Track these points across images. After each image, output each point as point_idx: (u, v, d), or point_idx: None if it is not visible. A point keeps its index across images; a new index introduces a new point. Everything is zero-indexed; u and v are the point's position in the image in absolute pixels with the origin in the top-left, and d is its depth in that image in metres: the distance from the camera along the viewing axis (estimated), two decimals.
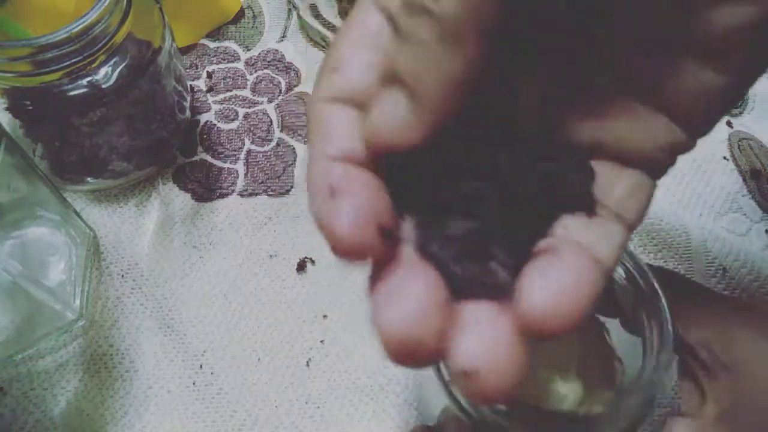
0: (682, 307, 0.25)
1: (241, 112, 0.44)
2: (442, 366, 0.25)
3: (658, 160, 0.18)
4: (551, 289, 0.16)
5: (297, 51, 0.47)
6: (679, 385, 0.25)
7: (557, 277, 0.16)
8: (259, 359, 0.36)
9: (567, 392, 0.26)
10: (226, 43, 0.47)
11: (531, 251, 0.17)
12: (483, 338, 0.16)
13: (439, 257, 0.17)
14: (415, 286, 0.16)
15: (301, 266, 0.39)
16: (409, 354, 0.15)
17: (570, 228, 0.18)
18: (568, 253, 0.17)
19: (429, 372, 0.26)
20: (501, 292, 0.17)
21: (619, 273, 0.26)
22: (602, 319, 0.28)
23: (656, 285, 0.25)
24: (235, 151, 0.43)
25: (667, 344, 0.24)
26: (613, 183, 0.18)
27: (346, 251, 0.16)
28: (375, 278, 0.16)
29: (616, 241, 0.18)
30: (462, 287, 0.17)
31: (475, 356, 0.15)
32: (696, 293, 0.26)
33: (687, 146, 0.18)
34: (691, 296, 0.26)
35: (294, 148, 0.43)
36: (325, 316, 0.37)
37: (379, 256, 0.16)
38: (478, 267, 0.17)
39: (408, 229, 0.18)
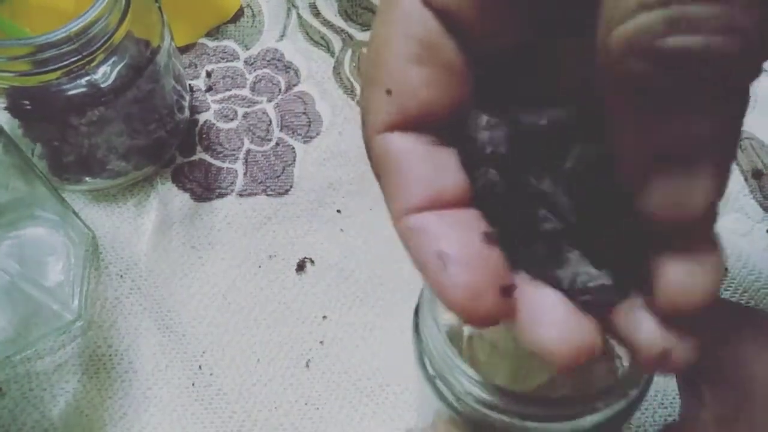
0: None
1: (241, 111, 0.44)
2: (427, 364, 0.25)
3: None
4: (683, 265, 0.16)
5: (296, 50, 0.46)
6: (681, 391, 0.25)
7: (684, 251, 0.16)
8: (258, 360, 0.36)
9: (560, 387, 0.26)
10: (225, 42, 0.47)
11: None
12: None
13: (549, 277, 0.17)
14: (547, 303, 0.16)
15: (301, 266, 0.39)
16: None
17: None
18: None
19: (421, 375, 0.26)
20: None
21: None
22: None
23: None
24: (234, 150, 0.43)
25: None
26: None
27: (474, 320, 0.15)
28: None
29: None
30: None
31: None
32: None
33: None
34: None
35: (293, 148, 0.43)
36: (324, 317, 0.37)
37: (505, 315, 0.16)
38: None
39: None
